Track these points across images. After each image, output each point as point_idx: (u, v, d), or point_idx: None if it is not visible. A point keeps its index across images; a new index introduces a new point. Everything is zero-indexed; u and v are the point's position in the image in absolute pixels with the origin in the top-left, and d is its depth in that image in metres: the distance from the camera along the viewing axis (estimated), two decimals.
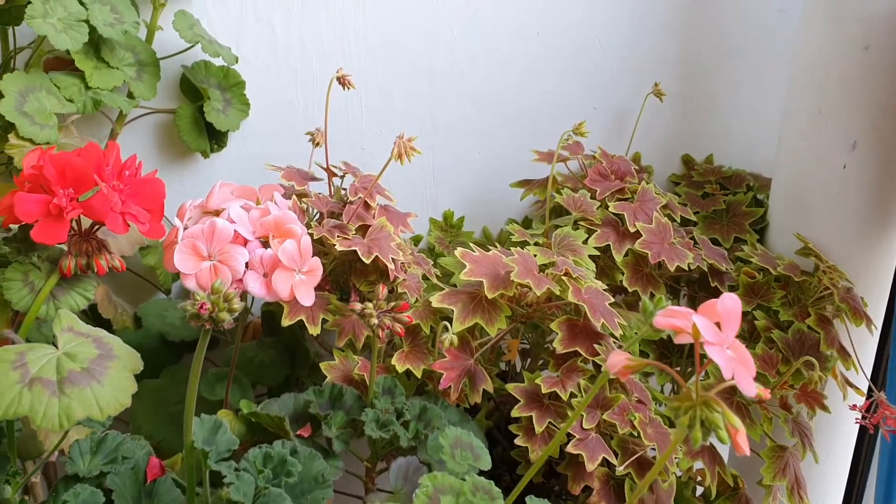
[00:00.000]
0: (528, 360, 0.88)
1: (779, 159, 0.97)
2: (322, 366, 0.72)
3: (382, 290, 0.65)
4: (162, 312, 0.91)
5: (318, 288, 0.74)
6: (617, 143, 1.09)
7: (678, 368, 0.88)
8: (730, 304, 0.42)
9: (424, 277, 0.81)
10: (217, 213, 0.67)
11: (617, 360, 0.44)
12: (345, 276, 0.75)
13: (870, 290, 0.90)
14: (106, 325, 0.83)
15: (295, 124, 0.98)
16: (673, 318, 0.43)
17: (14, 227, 0.52)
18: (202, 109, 0.91)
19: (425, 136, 1.03)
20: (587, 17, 1.02)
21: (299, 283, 0.64)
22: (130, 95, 0.85)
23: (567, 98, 1.05)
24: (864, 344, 0.89)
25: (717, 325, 0.42)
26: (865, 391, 0.87)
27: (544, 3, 1.00)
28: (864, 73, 0.84)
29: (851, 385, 0.87)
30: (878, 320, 0.93)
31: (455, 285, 0.98)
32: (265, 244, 0.65)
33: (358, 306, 0.63)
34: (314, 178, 0.82)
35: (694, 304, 0.88)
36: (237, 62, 0.92)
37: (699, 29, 1.05)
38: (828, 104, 0.88)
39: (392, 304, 0.64)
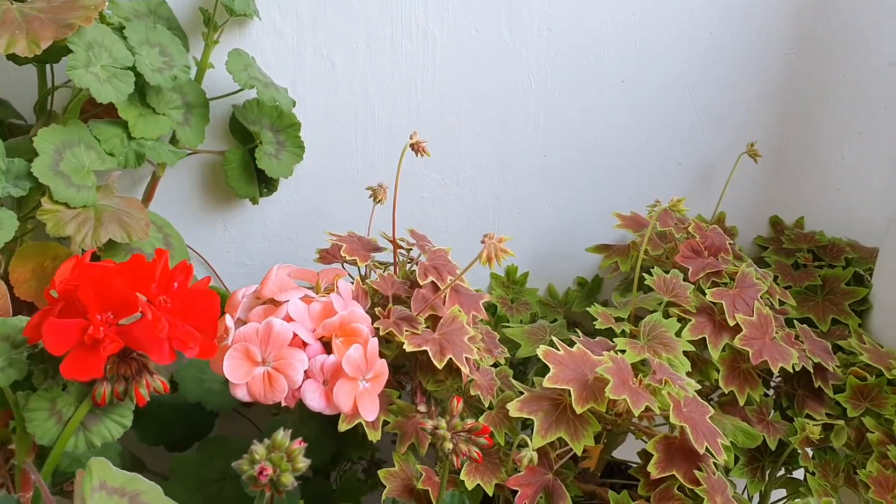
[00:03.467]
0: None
1: (889, 237, 0.86)
2: (381, 474, 0.63)
3: (458, 406, 0.56)
4: (200, 376, 0.83)
5: None
6: (701, 200, 0.99)
7: (769, 471, 0.79)
8: None
9: (495, 364, 0.73)
10: (273, 303, 0.59)
11: None
12: (406, 366, 0.67)
13: None
14: None
15: (352, 169, 0.90)
16: None
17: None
18: (253, 153, 0.83)
19: (492, 185, 0.94)
20: (677, 67, 0.92)
21: (363, 393, 0.56)
22: (174, 141, 0.77)
23: (650, 151, 0.95)
24: None
25: None
26: None
27: (632, 50, 0.90)
28: None
29: None
30: None
31: (521, 362, 0.89)
32: (326, 343, 0.57)
33: (429, 424, 0.55)
34: (377, 249, 0.73)
35: (792, 402, 0.79)
36: (295, 106, 0.84)
37: (800, 83, 0.95)
38: None
39: (469, 424, 0.55)
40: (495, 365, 0.78)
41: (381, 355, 0.63)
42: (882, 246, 0.88)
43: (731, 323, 0.72)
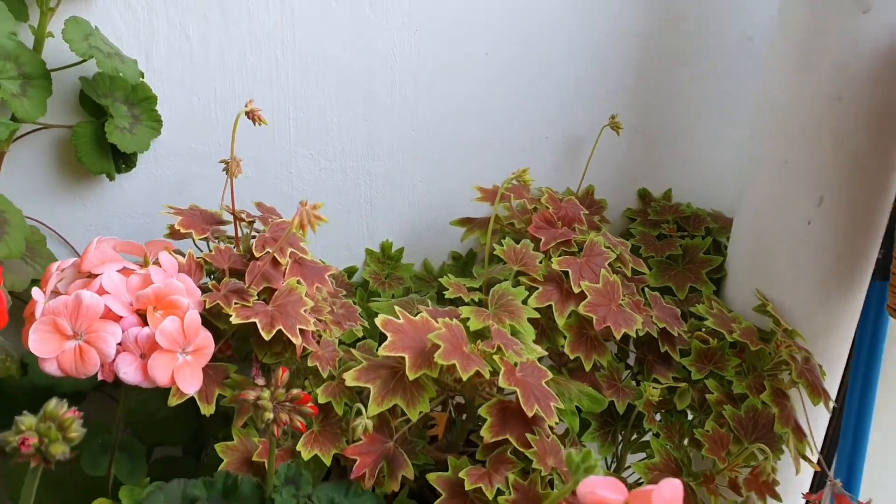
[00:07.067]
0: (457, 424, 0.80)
1: (740, 207, 0.90)
2: (218, 448, 0.63)
3: (282, 375, 0.56)
4: None
5: (219, 353, 0.65)
6: (570, 174, 1.01)
7: (622, 436, 0.81)
8: (668, 496, 0.33)
9: (348, 337, 0.73)
10: (92, 277, 0.57)
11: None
12: (249, 342, 0.66)
13: (827, 355, 0.84)
14: None
15: (214, 143, 0.88)
16: (603, 491, 0.35)
17: None
18: (104, 127, 0.80)
19: (362, 160, 0.94)
20: (540, 42, 0.93)
21: (183, 367, 0.55)
22: (14, 116, 0.74)
23: (517, 126, 0.96)
24: (818, 414, 0.83)
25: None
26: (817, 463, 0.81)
27: (496, 23, 0.90)
28: (835, 124, 0.77)
29: (805, 458, 0.81)
30: (834, 388, 0.87)
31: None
32: (145, 317, 0.55)
33: (251, 395, 0.54)
34: (222, 222, 0.72)
35: (643, 367, 0.81)
36: (143, 77, 0.81)
37: (658, 56, 0.97)
38: (795, 155, 0.81)
39: (292, 393, 0.55)
40: (359, 339, 0.78)
41: (216, 329, 0.62)
42: (735, 215, 0.92)
43: (577, 290, 0.74)
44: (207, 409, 0.61)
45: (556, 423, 0.63)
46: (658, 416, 0.80)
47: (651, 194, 1.04)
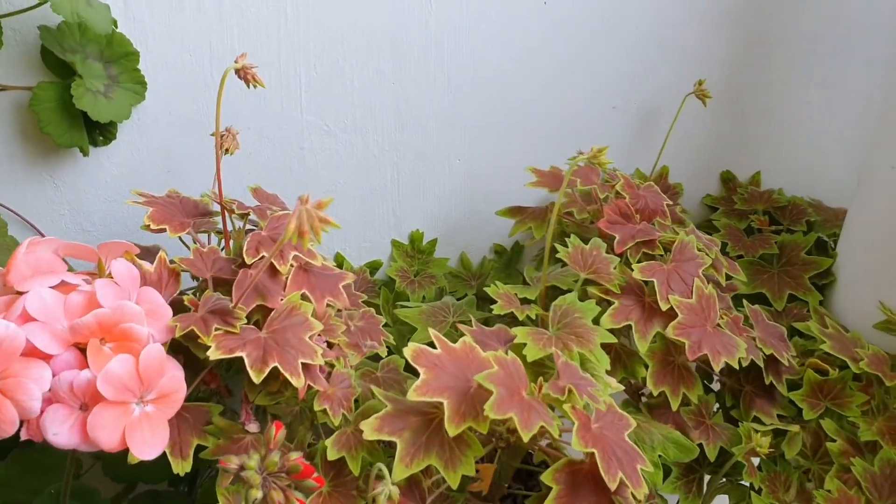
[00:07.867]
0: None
1: (862, 195, 0.72)
2: None
3: (276, 433, 0.40)
4: None
5: (202, 384, 0.50)
6: (641, 152, 0.84)
7: (708, 483, 0.65)
8: None
9: (372, 357, 0.57)
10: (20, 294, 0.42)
11: None
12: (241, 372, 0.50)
13: None
14: None
15: (210, 111, 0.72)
16: None
17: None
18: (72, 89, 0.65)
19: (389, 133, 0.78)
20: None
21: (139, 422, 0.39)
22: None
23: (578, 92, 0.79)
24: None
25: None
26: None
27: None
28: None
29: None
30: None
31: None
32: (85, 353, 0.40)
33: (233, 462, 0.39)
34: (209, 213, 0.56)
35: (738, 399, 0.65)
36: (116, 26, 0.65)
37: (757, 12, 0.78)
38: None
39: (289, 461, 0.39)
40: (377, 357, 0.62)
41: (192, 360, 0.47)
42: (850, 207, 0.74)
43: (664, 307, 0.57)
44: (181, 467, 0.46)
45: (646, 495, 0.47)
46: (756, 461, 0.63)
47: (736, 178, 0.86)
